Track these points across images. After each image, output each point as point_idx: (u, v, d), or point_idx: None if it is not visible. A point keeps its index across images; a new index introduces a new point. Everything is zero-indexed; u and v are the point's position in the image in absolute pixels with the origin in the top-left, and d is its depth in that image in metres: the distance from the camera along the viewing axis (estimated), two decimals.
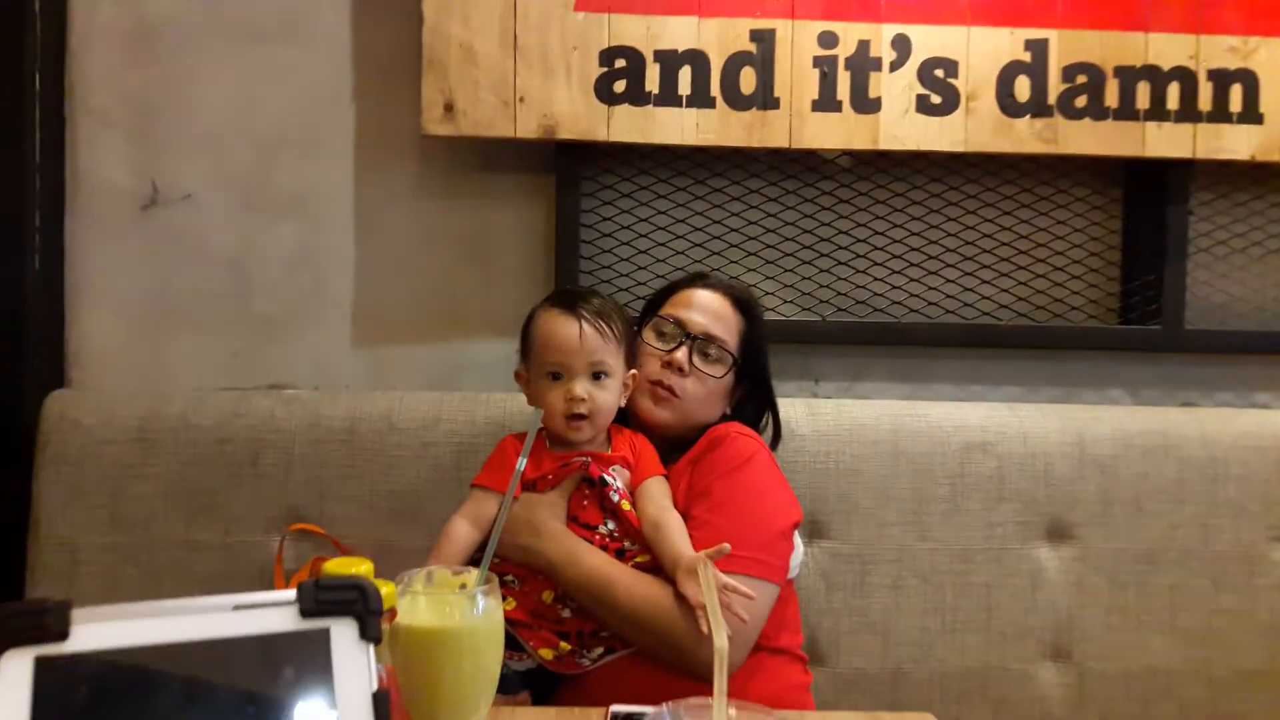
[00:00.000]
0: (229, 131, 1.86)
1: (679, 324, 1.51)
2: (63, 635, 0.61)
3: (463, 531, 1.35)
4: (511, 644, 1.35)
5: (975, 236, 1.94)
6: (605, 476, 1.38)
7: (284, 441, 1.69)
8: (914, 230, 1.93)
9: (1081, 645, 1.71)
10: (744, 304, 1.56)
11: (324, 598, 0.61)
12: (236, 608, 0.61)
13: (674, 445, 1.52)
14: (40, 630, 0.60)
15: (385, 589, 0.85)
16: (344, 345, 1.90)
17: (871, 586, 1.69)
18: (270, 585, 1.62)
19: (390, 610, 0.85)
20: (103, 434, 1.67)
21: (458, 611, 0.89)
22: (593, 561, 1.33)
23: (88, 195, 1.86)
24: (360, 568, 0.89)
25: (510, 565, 1.37)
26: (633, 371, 1.45)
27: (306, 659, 0.61)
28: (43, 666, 0.60)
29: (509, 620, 1.33)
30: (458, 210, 1.88)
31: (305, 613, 0.63)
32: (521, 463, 1.09)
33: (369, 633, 0.63)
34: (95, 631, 0.62)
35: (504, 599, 1.33)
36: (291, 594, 0.61)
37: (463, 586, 0.95)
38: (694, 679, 1.26)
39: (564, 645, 1.33)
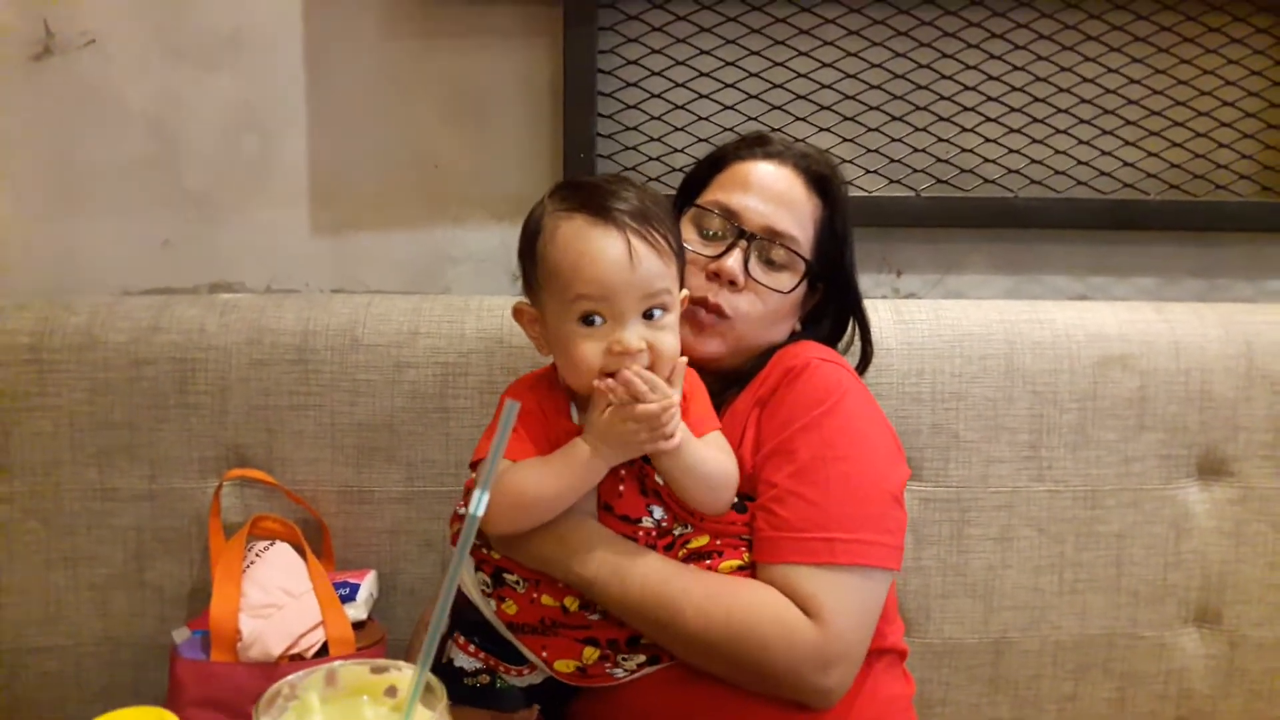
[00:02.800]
0: None
1: (729, 215, 1.11)
2: None
3: None
4: (508, 654, 1.00)
5: (1118, 83, 1.51)
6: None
7: (218, 362, 1.34)
8: (1037, 75, 1.50)
9: (1235, 609, 1.41)
10: (823, 181, 1.15)
11: None
12: None
13: (726, 378, 1.13)
14: None
15: None
16: (301, 231, 1.54)
17: (972, 539, 1.38)
18: (205, 541, 1.31)
19: None
20: None
21: None
22: (646, 573, 0.96)
23: None
24: None
25: (518, 566, 1.00)
26: (684, 293, 1.04)
27: None
28: None
29: (506, 624, 0.99)
30: (438, 54, 1.49)
31: None
32: (480, 501, 0.64)
33: None
34: None
35: (500, 599, 0.98)
36: None
37: (391, 692, 0.56)
38: (778, 706, 0.99)
39: (590, 653, 0.99)
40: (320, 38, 1.48)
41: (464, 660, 1.01)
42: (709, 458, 0.98)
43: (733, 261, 1.08)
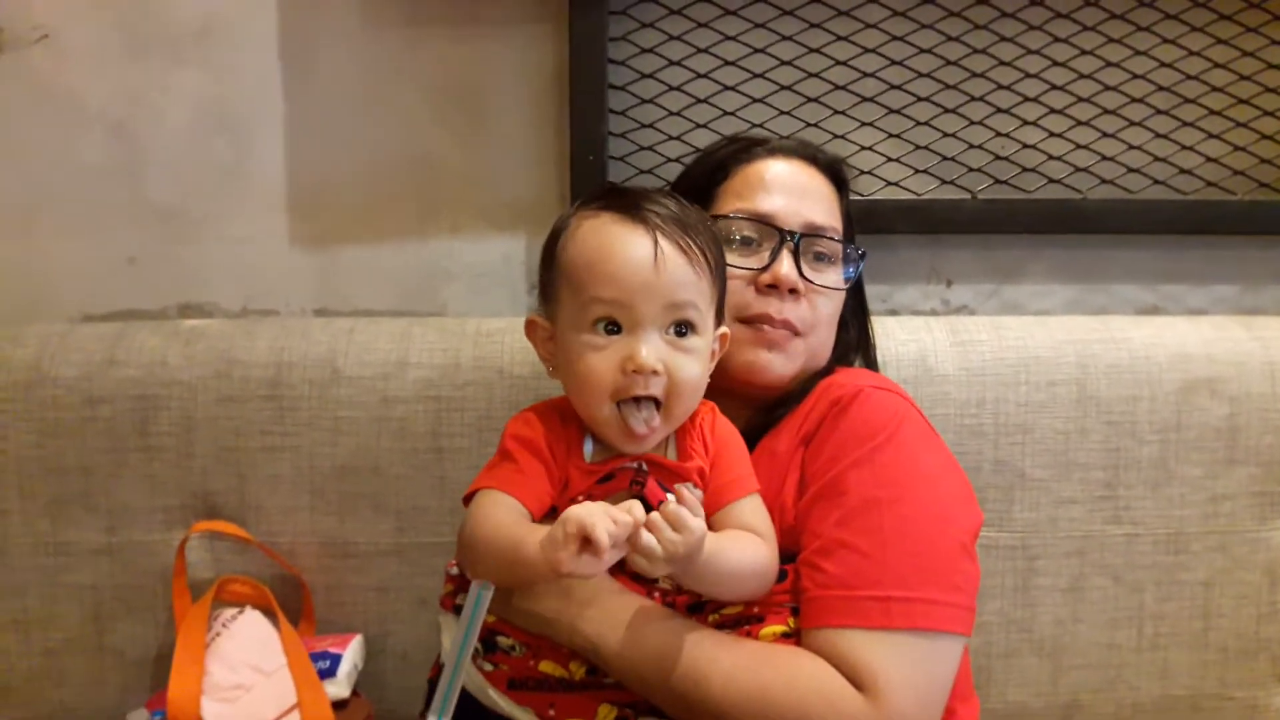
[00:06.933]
0: None
1: (762, 220, 1.00)
2: None
3: None
4: None
5: (1201, 68, 1.37)
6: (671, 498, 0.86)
7: (182, 399, 1.21)
8: (1109, 60, 1.37)
9: None
10: (835, 166, 1.10)
11: None
12: None
13: (763, 410, 1.01)
14: None
15: None
16: (279, 245, 1.41)
17: (1040, 590, 1.26)
18: (171, 600, 1.18)
19: None
20: None
21: None
22: (664, 635, 0.85)
23: None
24: None
25: (514, 629, 0.88)
26: (723, 330, 0.93)
27: None
28: None
29: (505, 682, 0.88)
30: (428, 43, 1.37)
31: None
32: (452, 681, 0.50)
33: None
34: None
35: (494, 665, 0.88)
36: None
37: None
38: None
39: (606, 711, 0.86)
40: (298, 28, 1.36)
41: None
42: (734, 560, 0.84)
43: (786, 268, 0.99)
